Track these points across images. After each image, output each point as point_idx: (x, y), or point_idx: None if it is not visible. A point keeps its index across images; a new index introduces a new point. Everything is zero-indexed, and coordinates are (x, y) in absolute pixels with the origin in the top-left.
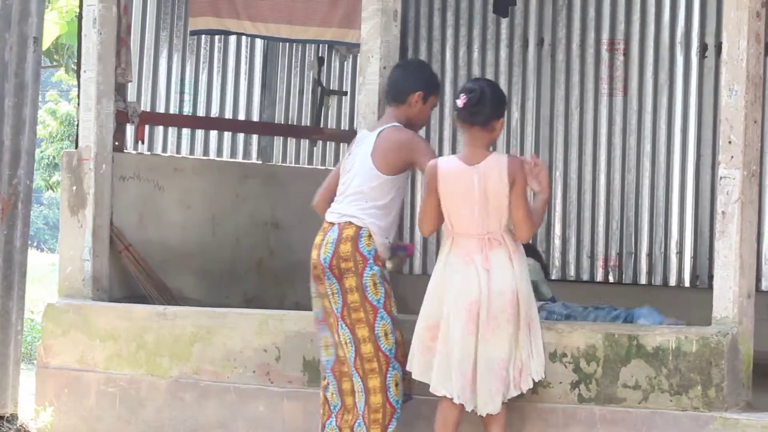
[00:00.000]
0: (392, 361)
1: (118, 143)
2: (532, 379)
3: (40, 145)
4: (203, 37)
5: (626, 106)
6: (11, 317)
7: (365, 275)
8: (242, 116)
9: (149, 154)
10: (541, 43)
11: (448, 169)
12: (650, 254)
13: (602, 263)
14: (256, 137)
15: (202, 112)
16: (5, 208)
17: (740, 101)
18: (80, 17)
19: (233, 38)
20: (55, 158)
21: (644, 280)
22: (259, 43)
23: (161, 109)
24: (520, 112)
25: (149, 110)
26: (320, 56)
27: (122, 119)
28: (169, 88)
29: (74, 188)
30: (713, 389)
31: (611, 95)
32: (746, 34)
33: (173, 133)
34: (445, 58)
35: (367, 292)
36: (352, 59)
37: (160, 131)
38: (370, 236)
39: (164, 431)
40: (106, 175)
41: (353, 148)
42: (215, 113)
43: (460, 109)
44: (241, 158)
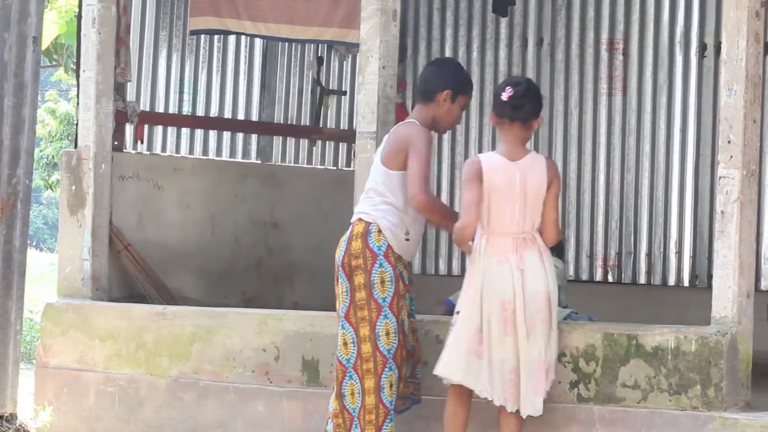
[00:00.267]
0: (389, 361)
1: (117, 143)
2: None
3: (39, 144)
4: (202, 36)
5: (625, 105)
6: (10, 317)
7: (374, 272)
8: (241, 116)
9: (148, 153)
10: (540, 42)
11: (491, 163)
12: (649, 254)
13: (601, 263)
14: (255, 137)
15: (201, 111)
16: (4, 207)
17: (739, 101)
18: (79, 17)
19: (232, 38)
20: (54, 158)
21: (643, 279)
22: (258, 42)
23: (160, 108)
24: None
25: (148, 110)
26: (319, 56)
27: (121, 119)
28: (168, 87)
29: (73, 188)
30: (712, 389)
31: (610, 95)
32: (745, 33)
33: (172, 132)
34: None
35: (374, 289)
36: (351, 59)
37: (159, 131)
38: (380, 232)
39: (163, 431)
40: (105, 174)
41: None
42: (214, 113)
43: (503, 102)
44: (240, 158)
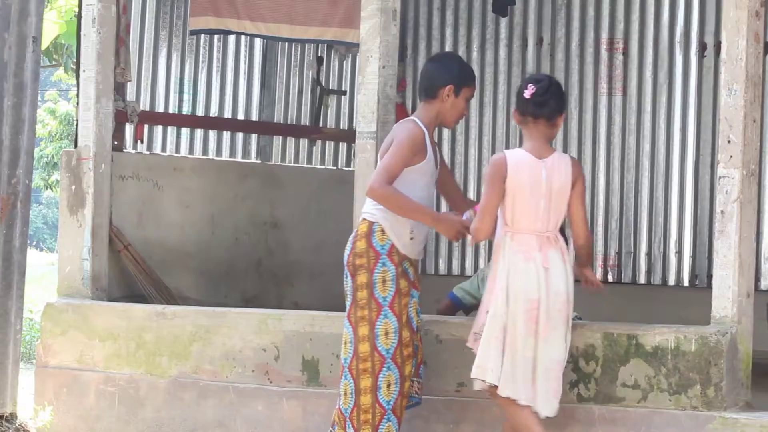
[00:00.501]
0: (387, 361)
1: (117, 143)
2: None
3: (39, 144)
4: (202, 36)
5: (625, 105)
6: (10, 316)
7: (376, 271)
8: (241, 116)
9: (148, 153)
10: (540, 42)
11: (517, 160)
12: (649, 253)
13: (601, 263)
14: (255, 137)
15: (201, 111)
16: (4, 207)
17: (739, 101)
18: (79, 17)
19: (232, 38)
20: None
21: (643, 279)
22: (258, 42)
23: (160, 108)
24: None
25: (148, 110)
26: (319, 56)
27: (121, 119)
28: (168, 87)
29: (73, 187)
30: (712, 388)
31: (610, 94)
32: (745, 33)
33: (172, 132)
34: None
35: (375, 288)
36: (351, 59)
37: (159, 131)
38: (383, 231)
39: (163, 430)
40: (105, 174)
41: None
42: (214, 113)
43: (526, 100)
44: (240, 158)
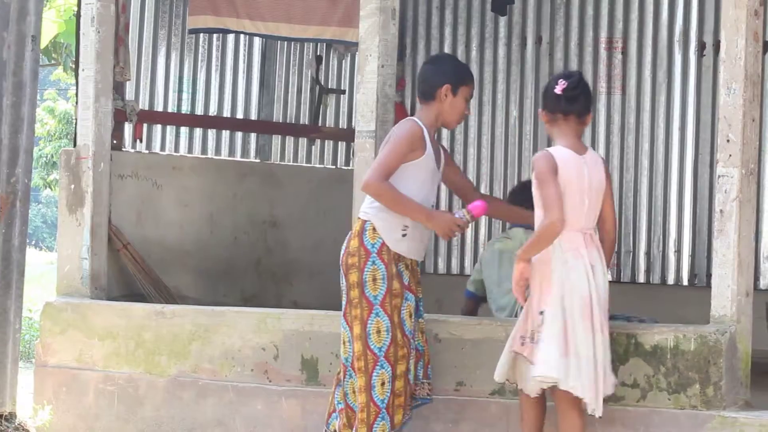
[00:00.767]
0: (380, 359)
1: (116, 142)
2: None
3: (38, 143)
4: (201, 35)
5: (624, 104)
6: (9, 316)
7: (366, 270)
8: (240, 115)
9: (147, 152)
10: (539, 41)
11: (563, 157)
12: (648, 253)
13: None
14: (254, 136)
15: (200, 110)
16: (3, 206)
17: (738, 100)
18: (78, 16)
19: (231, 36)
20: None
21: (642, 278)
22: (257, 41)
23: (159, 107)
24: (518, 110)
25: (147, 109)
26: (318, 55)
27: (120, 118)
28: (167, 86)
29: (72, 187)
30: (711, 388)
31: (609, 94)
32: (744, 32)
33: (171, 131)
34: None
35: (365, 287)
36: (350, 57)
37: (158, 130)
38: (374, 230)
39: (163, 430)
40: (104, 173)
41: None
42: (213, 112)
43: (557, 96)
44: (239, 157)
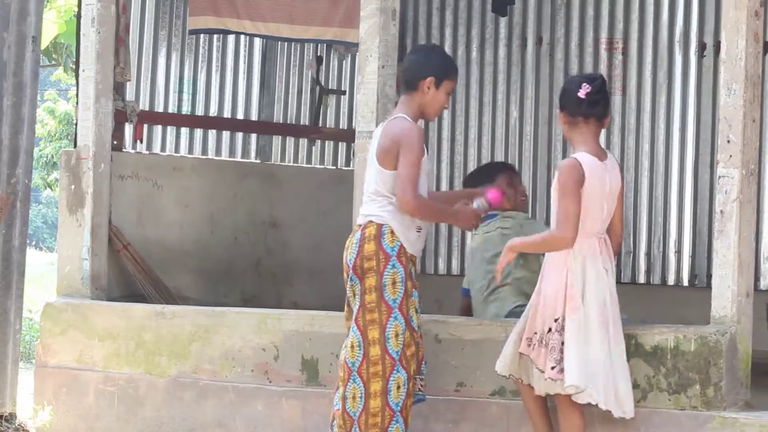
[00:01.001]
0: (397, 363)
1: (116, 142)
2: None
3: (38, 144)
4: (202, 36)
5: (625, 105)
6: (10, 316)
7: (386, 273)
8: (241, 115)
9: (148, 153)
10: (539, 42)
11: (589, 164)
12: (649, 253)
13: None
14: (254, 136)
15: (200, 111)
16: (4, 206)
17: (739, 100)
18: (79, 16)
19: (232, 37)
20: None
21: (643, 279)
22: (257, 42)
23: (160, 108)
24: (518, 111)
25: (148, 109)
26: (319, 55)
27: (121, 118)
28: (167, 87)
29: (73, 187)
30: (712, 388)
31: (610, 94)
32: (745, 33)
33: (172, 132)
34: None
35: (385, 290)
36: (350, 58)
37: (158, 130)
38: (392, 233)
39: (163, 430)
40: (104, 174)
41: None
42: (214, 112)
43: (579, 100)
44: (239, 157)
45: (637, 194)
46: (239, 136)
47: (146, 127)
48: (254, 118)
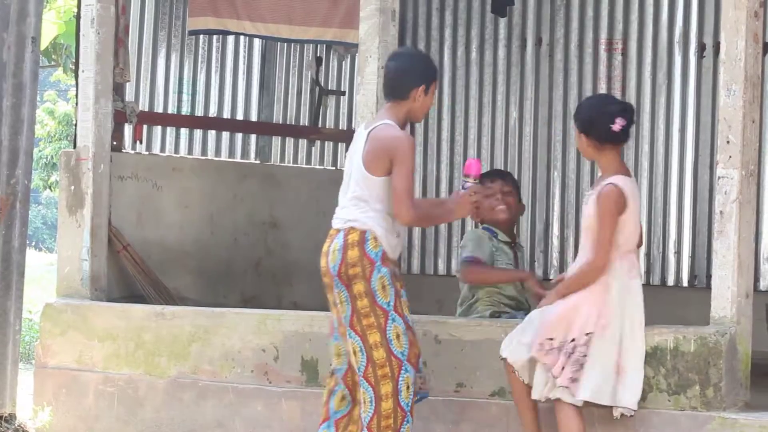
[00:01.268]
0: (404, 363)
1: (116, 143)
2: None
3: (38, 144)
4: (201, 36)
5: None
6: (9, 317)
7: (373, 279)
8: (240, 116)
9: (147, 153)
10: (539, 42)
11: (629, 189)
12: (648, 254)
13: None
14: (254, 137)
15: (200, 111)
16: (3, 207)
17: (738, 101)
18: (78, 17)
19: (231, 38)
20: (53, 158)
21: (642, 279)
22: (257, 42)
23: (159, 108)
24: (518, 112)
25: (147, 110)
26: (318, 56)
27: (120, 119)
28: (167, 87)
29: (72, 188)
30: (711, 389)
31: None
32: (744, 33)
33: (171, 132)
34: (443, 58)
35: (376, 296)
36: (350, 59)
37: (158, 131)
38: (375, 239)
39: (162, 431)
40: (104, 174)
41: (350, 148)
42: (213, 113)
43: (614, 132)
44: (239, 158)
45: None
46: (239, 136)
47: (146, 127)
48: (254, 118)
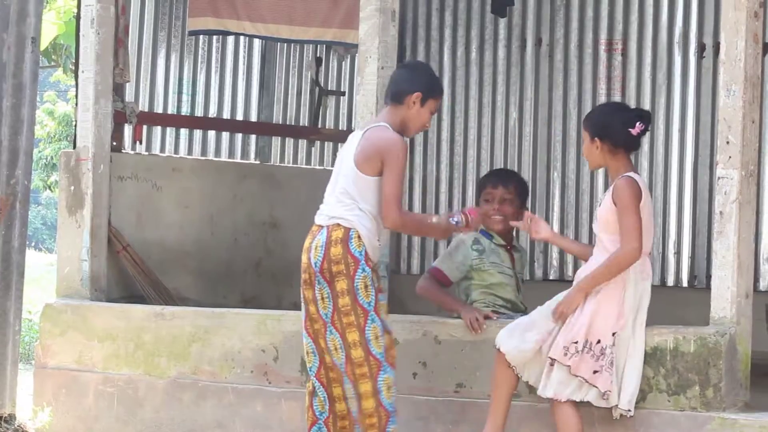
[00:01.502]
0: (383, 364)
1: (116, 143)
2: None
3: (38, 145)
4: (201, 37)
5: None
6: (9, 317)
7: (357, 277)
8: (240, 116)
9: (147, 154)
10: (539, 43)
11: (643, 184)
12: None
13: None
14: (254, 137)
15: (200, 112)
16: (3, 208)
17: (738, 101)
18: (78, 17)
19: (231, 38)
20: (53, 158)
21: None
22: (257, 43)
23: (159, 109)
24: (518, 112)
25: (147, 110)
26: (318, 56)
27: (120, 119)
28: (167, 88)
29: (72, 188)
30: (711, 389)
31: (609, 95)
32: (744, 34)
33: (171, 133)
34: (443, 58)
35: (358, 294)
36: (350, 59)
37: (158, 131)
38: (359, 237)
39: (162, 431)
40: (104, 175)
41: (342, 148)
42: (213, 113)
43: (632, 136)
44: (239, 158)
45: None
46: (239, 137)
47: (146, 128)
48: (254, 119)
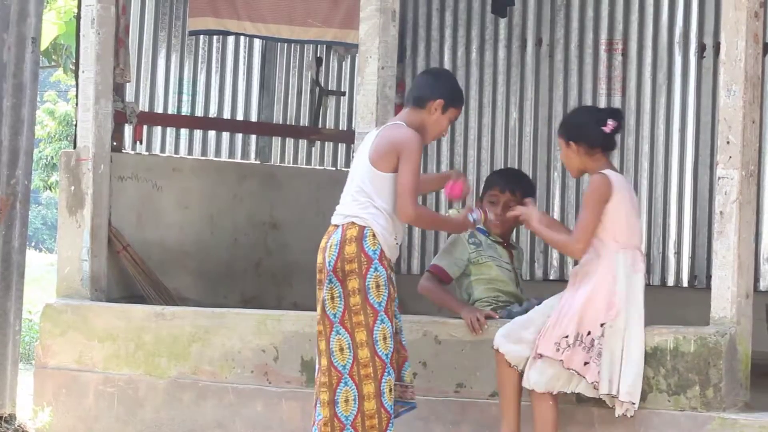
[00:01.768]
0: (388, 366)
1: (116, 143)
2: None
3: (38, 145)
4: (201, 37)
5: (624, 106)
6: (9, 317)
7: (369, 276)
8: (240, 116)
9: (147, 154)
10: (539, 43)
11: (619, 180)
12: (648, 254)
13: None
14: (254, 137)
15: (200, 112)
16: (3, 208)
17: (738, 101)
18: (78, 17)
19: (231, 38)
20: (53, 158)
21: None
22: (257, 43)
23: (159, 109)
24: (518, 112)
25: (147, 110)
26: (318, 56)
27: (120, 119)
28: (167, 88)
29: (72, 188)
30: (711, 389)
31: (609, 95)
32: (744, 34)
33: (171, 133)
34: (443, 58)
35: (369, 294)
36: (350, 59)
37: (158, 131)
38: (374, 236)
39: (162, 431)
40: (104, 175)
41: (359, 147)
42: (213, 113)
43: (606, 135)
44: (239, 158)
45: (636, 195)
46: (239, 137)
47: (146, 128)
48: (254, 119)
